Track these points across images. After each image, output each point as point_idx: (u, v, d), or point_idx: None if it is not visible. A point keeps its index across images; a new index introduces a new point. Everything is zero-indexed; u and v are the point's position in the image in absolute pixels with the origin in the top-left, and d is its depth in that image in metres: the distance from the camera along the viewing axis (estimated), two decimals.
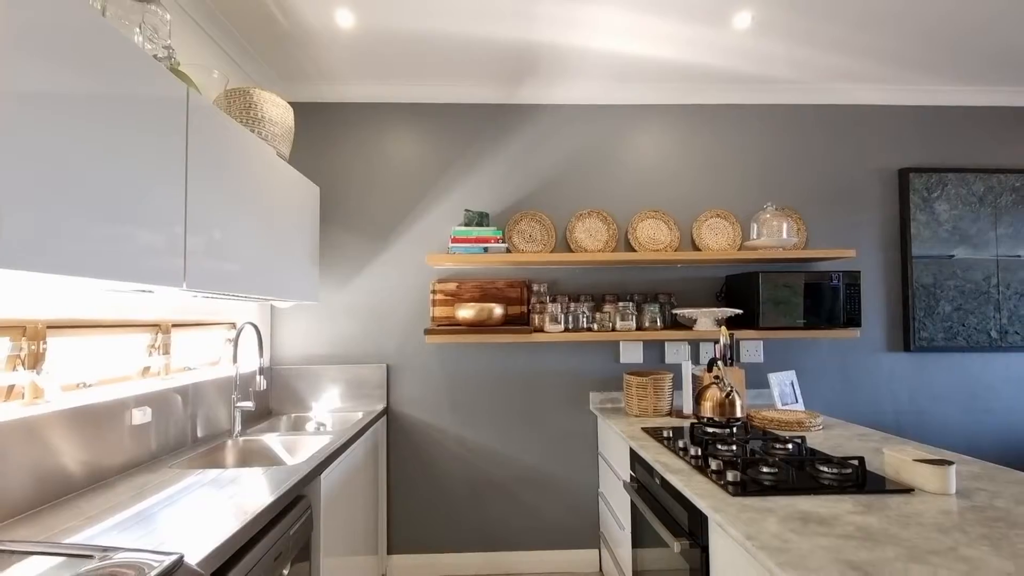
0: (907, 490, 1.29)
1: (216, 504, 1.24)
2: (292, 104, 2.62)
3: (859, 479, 1.35)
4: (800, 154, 2.71)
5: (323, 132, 2.63)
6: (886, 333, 2.69)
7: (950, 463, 1.28)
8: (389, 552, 2.58)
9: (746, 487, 1.32)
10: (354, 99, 2.63)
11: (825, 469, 1.41)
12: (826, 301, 2.37)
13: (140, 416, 1.60)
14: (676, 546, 1.38)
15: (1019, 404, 2.70)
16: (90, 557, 0.77)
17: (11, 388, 1.30)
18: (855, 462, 1.42)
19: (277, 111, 1.97)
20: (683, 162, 2.70)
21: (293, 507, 1.44)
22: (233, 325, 2.34)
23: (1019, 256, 2.69)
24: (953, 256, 2.68)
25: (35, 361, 1.33)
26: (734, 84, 2.62)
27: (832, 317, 2.37)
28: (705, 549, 1.31)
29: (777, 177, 2.71)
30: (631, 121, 2.70)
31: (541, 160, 2.68)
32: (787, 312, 2.35)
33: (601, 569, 2.59)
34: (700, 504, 1.27)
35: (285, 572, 1.28)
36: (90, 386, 1.54)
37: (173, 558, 0.80)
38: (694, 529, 1.37)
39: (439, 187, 2.66)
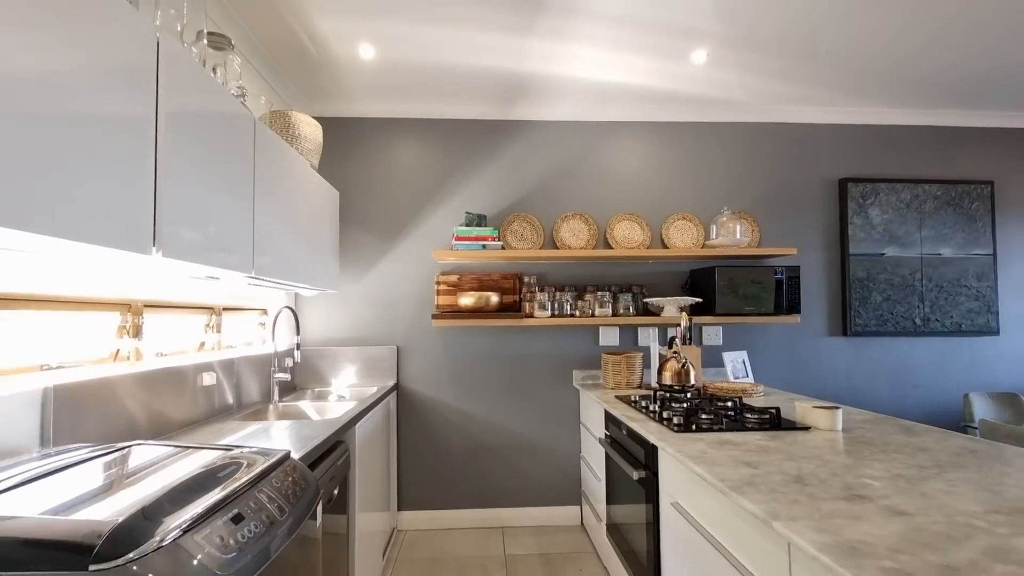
0: (805, 428, 1.71)
1: (285, 438, 1.62)
2: (315, 118, 2.99)
3: (772, 422, 1.77)
4: (754, 165, 3.15)
5: (342, 143, 3.01)
6: (827, 320, 3.14)
7: (837, 407, 1.71)
8: (399, 509, 2.97)
9: (686, 427, 1.74)
10: (370, 115, 3.01)
11: (749, 416, 1.83)
12: (771, 292, 2.80)
13: (208, 379, 1.98)
14: (635, 475, 1.80)
15: (938, 380, 3.16)
16: (234, 449, 1.15)
17: (117, 352, 1.67)
18: (773, 411, 1.84)
19: (310, 129, 2.35)
20: (654, 171, 3.12)
21: (336, 448, 1.82)
22: (265, 311, 2.71)
23: (939, 254, 3.15)
24: (884, 254, 3.13)
25: (136, 332, 1.71)
26: (697, 105, 3.04)
27: (776, 305, 2.80)
28: (656, 474, 1.72)
29: (735, 185, 3.14)
30: (609, 136, 3.11)
31: (531, 169, 3.08)
32: (738, 301, 2.78)
33: (583, 522, 3.00)
34: (651, 439, 1.68)
35: (335, 492, 1.67)
36: (165, 355, 1.92)
37: (284, 451, 1.19)
38: (649, 463, 1.78)
39: (442, 192, 3.05)
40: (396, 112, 3.01)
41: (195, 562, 0.75)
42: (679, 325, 2.57)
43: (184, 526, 0.78)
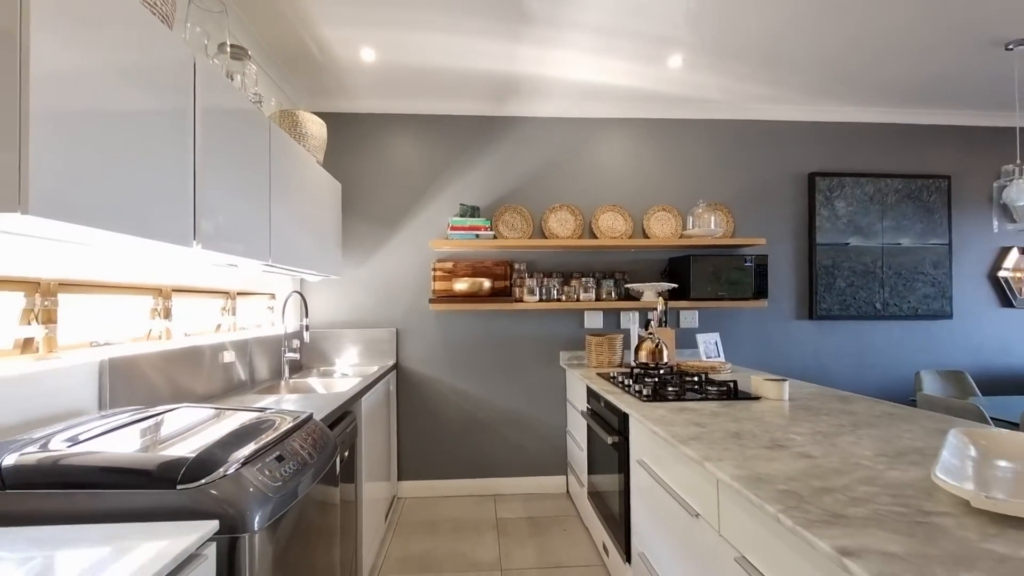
0: (756, 398, 1.96)
1: (302, 407, 1.85)
2: (318, 114, 3.17)
3: (729, 392, 2.02)
4: (730, 160, 3.36)
5: (343, 138, 3.20)
6: (794, 305, 3.39)
7: (784, 380, 1.96)
8: (399, 479, 3.23)
9: (654, 397, 1.98)
10: (369, 111, 3.19)
11: (710, 388, 2.08)
12: (741, 278, 3.04)
13: (228, 357, 2.20)
14: (609, 440, 2.05)
15: (895, 360, 3.43)
16: (266, 411, 1.38)
17: (149, 332, 1.89)
18: (731, 383, 2.09)
19: (315, 128, 2.54)
20: (636, 165, 3.33)
21: (345, 417, 2.06)
22: (273, 296, 2.92)
23: (899, 244, 3.40)
24: (848, 244, 3.37)
25: (167, 314, 1.92)
26: (676, 104, 3.25)
27: (746, 291, 3.05)
28: (627, 438, 1.97)
29: (711, 178, 3.36)
30: (594, 132, 3.31)
31: (522, 162, 3.28)
32: (711, 287, 3.02)
33: (568, 490, 3.27)
34: (622, 407, 1.93)
35: (346, 454, 1.90)
36: (189, 335, 2.13)
37: (309, 413, 1.41)
38: (621, 429, 2.03)
39: (438, 184, 3.25)
40: (394, 108, 3.19)
41: (251, 488, 0.98)
42: (656, 309, 2.81)
43: (242, 461, 1.01)
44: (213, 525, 0.87)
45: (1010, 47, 2.52)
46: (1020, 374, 3.49)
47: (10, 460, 0.92)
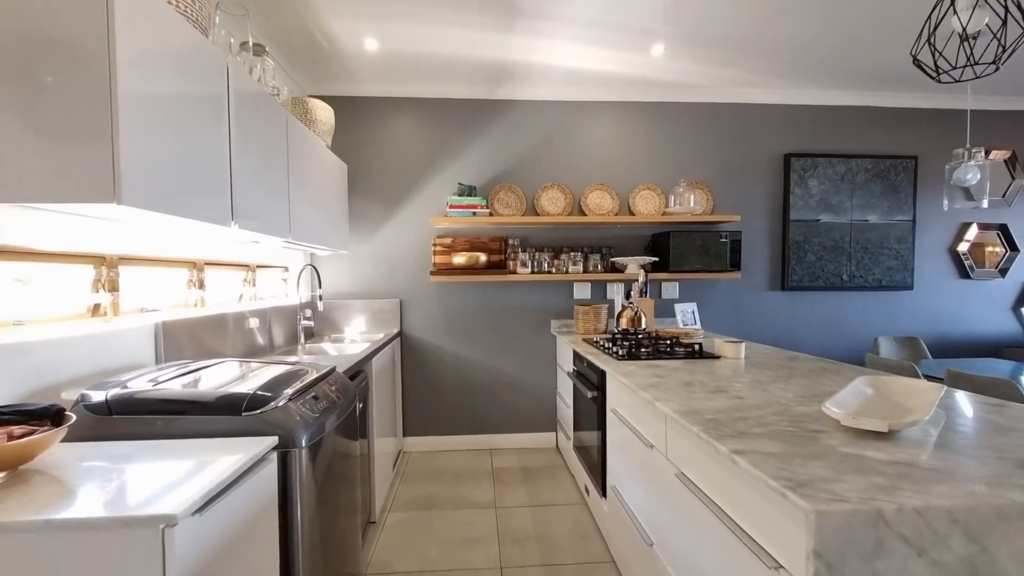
0: (717, 357, 2.25)
1: (322, 364, 2.13)
2: (323, 97, 3.37)
3: (694, 353, 2.31)
4: (710, 141, 3.59)
5: (348, 120, 3.41)
6: (768, 277, 3.66)
7: (741, 342, 2.24)
8: (404, 435, 3.55)
9: (627, 357, 2.27)
10: (372, 94, 3.39)
11: (679, 349, 2.37)
12: (717, 252, 3.31)
13: (253, 323, 2.48)
14: (589, 394, 2.34)
15: (859, 328, 3.73)
16: (297, 364, 1.66)
17: (186, 301, 2.15)
18: (697, 345, 2.38)
19: (324, 114, 2.76)
20: (623, 146, 3.56)
21: (358, 375, 2.35)
22: (286, 269, 3.18)
23: (867, 220, 3.65)
24: (819, 220, 3.63)
25: (200, 284, 2.19)
26: (660, 88, 3.45)
27: (721, 264, 3.31)
28: (604, 392, 2.26)
29: (693, 158, 3.59)
30: (584, 114, 3.52)
31: (515, 144, 3.50)
32: (689, 260, 3.29)
33: (557, 445, 3.61)
34: (600, 365, 2.22)
35: (360, 405, 2.20)
36: (216, 304, 2.40)
37: (332, 365, 1.70)
38: (599, 384, 2.32)
39: (437, 164, 3.47)
40: (396, 92, 3.39)
41: (297, 417, 1.27)
42: (638, 280, 3.08)
43: (289, 396, 1.30)
44: (273, 440, 1.16)
45: (964, 40, 2.72)
46: (972, 340, 3.79)
47: (113, 394, 1.20)
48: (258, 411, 1.21)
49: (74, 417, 1.03)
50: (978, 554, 0.83)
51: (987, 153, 3.72)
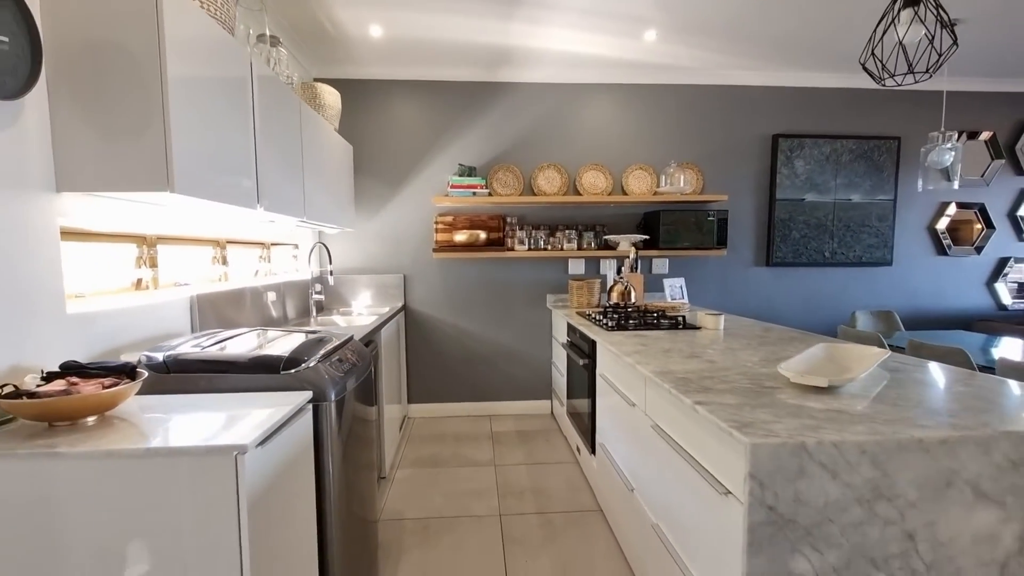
0: (698, 328, 2.46)
1: (340, 333, 2.33)
2: (328, 80, 3.49)
3: (678, 324, 2.52)
4: (701, 122, 3.73)
5: (353, 101, 3.53)
6: (753, 253, 3.85)
7: (721, 314, 2.45)
8: (409, 402, 3.79)
9: (616, 328, 2.48)
10: (375, 77, 3.51)
11: (664, 321, 2.57)
12: (704, 230, 3.49)
13: (271, 297, 2.67)
14: (581, 362, 2.56)
15: (839, 302, 3.94)
16: (318, 332, 1.86)
17: (209, 276, 2.34)
18: (681, 317, 2.58)
19: (332, 98, 2.90)
20: (617, 127, 3.70)
21: (370, 344, 2.55)
22: (296, 246, 3.36)
23: (850, 199, 3.82)
24: (804, 199, 3.80)
25: (224, 260, 2.37)
26: (653, 70, 3.57)
27: (708, 241, 3.50)
28: (594, 360, 2.48)
29: (684, 139, 3.73)
30: (580, 96, 3.65)
31: (514, 125, 3.64)
32: (678, 238, 3.47)
33: (552, 412, 3.85)
34: (590, 335, 2.42)
35: (372, 371, 2.41)
36: (237, 279, 2.58)
37: (350, 334, 1.90)
38: (590, 353, 2.53)
39: (439, 145, 3.62)
40: (399, 75, 3.52)
41: (326, 376, 1.47)
42: (629, 257, 3.27)
43: (318, 358, 1.50)
44: (308, 394, 1.37)
45: (945, 26, 2.84)
46: (947, 314, 4.01)
47: (168, 355, 1.40)
48: (293, 370, 1.41)
49: (146, 373, 1.23)
50: (881, 478, 1.05)
51: (971, 136, 3.87)
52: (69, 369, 1.16)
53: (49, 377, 1.15)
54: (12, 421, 1.13)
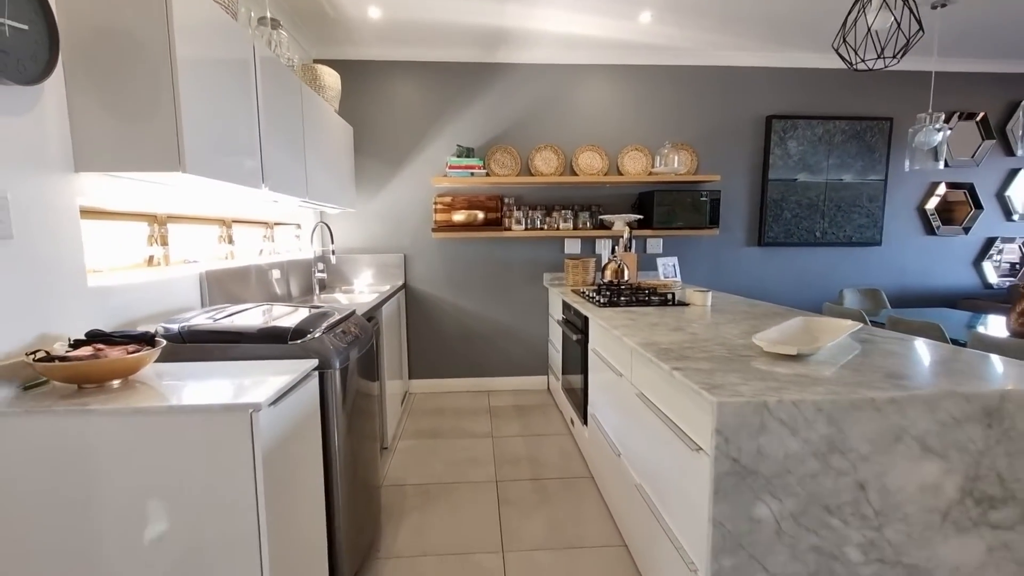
0: (687, 304, 2.56)
1: (343, 308, 2.43)
2: (327, 61, 3.53)
3: (667, 301, 2.61)
4: (696, 103, 3.77)
5: (353, 82, 3.58)
6: (745, 233, 3.93)
7: (708, 291, 2.54)
8: (410, 378, 3.91)
9: (607, 304, 2.57)
10: (374, 58, 3.55)
11: (654, 298, 2.67)
12: (697, 210, 3.56)
13: (276, 275, 2.77)
14: (575, 337, 2.66)
15: (829, 281, 4.03)
16: (323, 306, 1.96)
17: (216, 254, 2.43)
18: (671, 294, 2.68)
19: (332, 80, 2.95)
20: (613, 108, 3.74)
21: (371, 320, 2.65)
22: (299, 226, 3.44)
23: (841, 180, 3.88)
24: (796, 179, 3.86)
25: (230, 239, 2.46)
26: (648, 51, 3.61)
27: (701, 221, 3.58)
28: (586, 335, 2.58)
29: (679, 119, 3.78)
30: (576, 77, 3.69)
31: (511, 106, 3.69)
32: (672, 217, 3.55)
33: (548, 387, 3.98)
34: (583, 311, 2.52)
35: (373, 345, 2.51)
36: (242, 257, 2.67)
37: (353, 308, 2.00)
38: (583, 328, 2.64)
39: (437, 126, 3.67)
40: (398, 56, 3.55)
41: (331, 346, 1.57)
42: (623, 236, 3.35)
43: (323, 330, 1.60)
44: (315, 362, 1.47)
45: (935, 7, 2.88)
46: (934, 293, 4.11)
47: (184, 326, 1.50)
48: (300, 340, 1.51)
49: (165, 341, 1.33)
50: (835, 433, 1.15)
51: (962, 116, 3.91)
52: (95, 337, 1.26)
53: (76, 344, 1.25)
54: (44, 384, 1.23)
